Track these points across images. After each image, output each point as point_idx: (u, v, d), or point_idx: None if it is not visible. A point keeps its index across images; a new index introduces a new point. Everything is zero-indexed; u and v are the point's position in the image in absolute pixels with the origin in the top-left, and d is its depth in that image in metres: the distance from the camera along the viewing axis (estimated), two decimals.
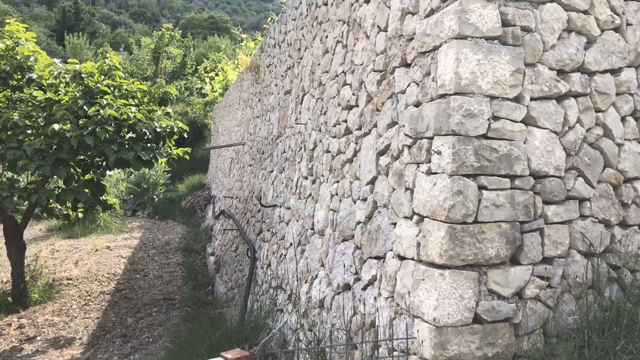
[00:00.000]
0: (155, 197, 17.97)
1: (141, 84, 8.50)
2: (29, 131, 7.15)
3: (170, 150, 8.31)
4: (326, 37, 5.28)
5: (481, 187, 2.76)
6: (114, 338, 7.11)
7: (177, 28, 28.19)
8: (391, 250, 3.28)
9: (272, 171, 7.43)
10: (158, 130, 7.36)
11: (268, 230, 6.97)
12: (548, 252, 2.94)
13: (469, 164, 2.72)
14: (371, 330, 3.37)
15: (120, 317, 7.94)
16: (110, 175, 8.61)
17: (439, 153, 2.81)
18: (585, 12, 3.15)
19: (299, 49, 6.45)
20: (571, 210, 3.04)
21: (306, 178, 5.53)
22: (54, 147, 6.88)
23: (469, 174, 2.73)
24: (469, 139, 2.73)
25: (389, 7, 3.69)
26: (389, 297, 3.21)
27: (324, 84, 5.20)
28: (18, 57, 7.33)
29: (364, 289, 3.60)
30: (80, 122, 6.87)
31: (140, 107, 7.94)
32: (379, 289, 3.37)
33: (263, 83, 9.07)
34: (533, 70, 2.94)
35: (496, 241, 2.76)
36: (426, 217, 2.87)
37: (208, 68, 21.94)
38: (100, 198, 8.44)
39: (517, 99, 2.88)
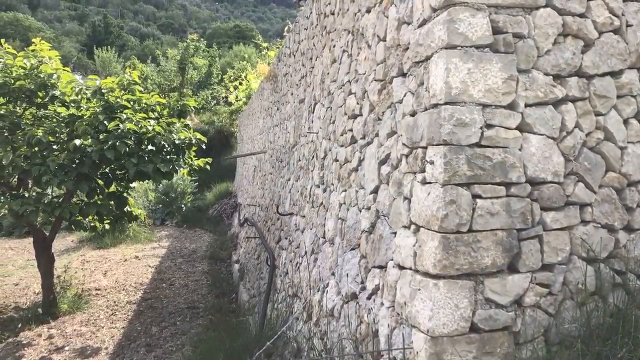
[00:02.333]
0: (183, 206, 18.25)
1: (163, 96, 8.68)
2: (55, 147, 7.37)
3: (191, 161, 8.46)
4: (334, 46, 5.32)
5: (475, 196, 2.75)
6: (139, 347, 7.25)
7: (201, 38, 28.57)
8: (392, 259, 3.29)
9: (289, 179, 7.49)
10: (176, 142, 7.50)
11: (286, 239, 7.03)
12: (548, 259, 2.92)
13: (462, 173, 2.72)
14: (375, 339, 3.38)
15: (145, 326, 8.09)
16: (133, 188, 8.76)
17: (431, 163, 2.82)
18: (582, 16, 3.11)
19: (311, 58, 6.51)
20: (571, 216, 3.01)
21: (318, 186, 5.57)
22: (77, 162, 7.07)
23: (462, 183, 2.73)
24: (461, 148, 2.73)
25: (387, 17, 3.71)
26: (390, 307, 3.22)
27: (332, 93, 5.24)
28: (41, 76, 7.55)
29: (369, 298, 3.62)
30: (101, 136, 7.05)
31: (160, 119, 8.10)
32: (382, 298, 3.39)
33: (281, 92, 9.15)
34: (527, 76, 2.93)
35: (492, 249, 2.76)
36: (422, 226, 2.88)
37: (232, 77, 22.22)
38: (124, 209, 8.63)
39: (511, 106, 2.87)
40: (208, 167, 8.98)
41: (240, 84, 19.73)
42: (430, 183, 2.84)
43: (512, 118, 2.86)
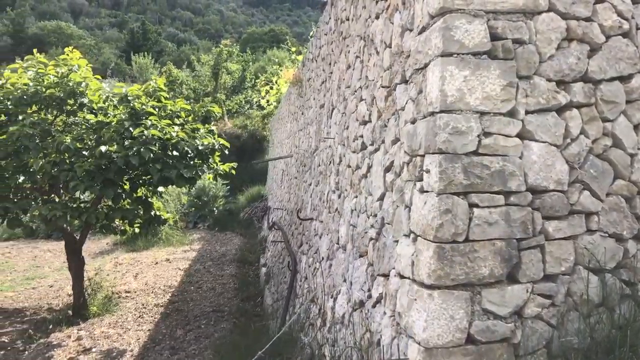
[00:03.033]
0: (215, 209, 18.48)
1: (197, 101, 8.80)
2: (85, 152, 7.57)
3: (216, 165, 8.56)
4: (348, 52, 5.32)
5: (472, 205, 2.71)
6: (163, 350, 7.37)
7: (234, 44, 28.90)
8: (394, 268, 3.27)
9: (310, 184, 7.51)
10: (200, 148, 7.61)
11: (306, 243, 7.05)
12: (550, 269, 2.85)
13: (458, 182, 2.68)
14: (377, 349, 3.36)
15: (170, 329, 8.22)
16: (160, 193, 8.92)
17: (427, 172, 2.79)
18: (588, 19, 3.04)
19: (330, 64, 6.52)
20: (576, 225, 2.93)
21: (334, 192, 5.57)
22: (103, 167, 7.24)
23: (458, 192, 2.69)
24: (458, 156, 2.70)
25: (392, 24, 3.69)
26: (391, 316, 3.20)
27: (347, 99, 5.24)
28: (70, 84, 7.77)
29: (374, 306, 3.60)
30: (126, 143, 7.20)
31: (185, 125, 8.23)
32: (384, 307, 3.37)
33: (305, 97, 9.19)
34: (528, 82, 2.87)
35: (490, 259, 2.71)
36: (419, 236, 2.85)
37: (263, 81, 22.42)
38: (152, 214, 8.79)
39: (511, 114, 2.82)
40: (233, 171, 9.07)
41: (271, 88, 19.88)
42: (427, 192, 2.82)
43: (512, 125, 2.81)
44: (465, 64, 2.73)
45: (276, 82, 19.45)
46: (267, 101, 20.52)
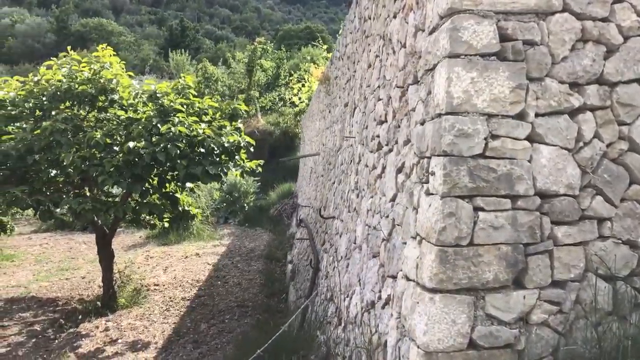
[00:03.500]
0: (245, 205, 18.64)
1: (222, 100, 8.91)
2: (116, 148, 7.74)
3: (243, 162, 8.63)
4: (370, 50, 5.30)
5: (477, 209, 2.68)
6: (186, 343, 7.49)
7: (268, 41, 29.07)
8: (401, 270, 3.25)
9: (334, 182, 7.52)
10: (225, 145, 7.69)
11: (328, 242, 7.07)
12: (559, 275, 2.79)
13: (463, 185, 2.65)
14: (384, 350, 3.35)
15: (195, 323, 8.35)
16: (188, 189, 9.05)
17: (432, 174, 2.77)
18: (604, 20, 2.95)
19: (354, 62, 6.50)
20: (587, 230, 2.86)
21: (353, 191, 5.57)
22: (131, 163, 7.38)
23: (462, 195, 2.66)
24: (463, 159, 2.66)
25: (407, 23, 3.67)
26: (397, 318, 3.18)
27: (367, 98, 5.22)
28: (102, 81, 7.95)
29: (383, 307, 3.59)
30: (153, 139, 7.33)
31: (213, 123, 8.32)
32: (392, 308, 3.35)
33: (332, 95, 9.19)
34: (539, 85, 2.81)
35: (494, 264, 2.67)
36: (423, 238, 2.83)
37: (295, 79, 22.50)
38: (180, 209, 8.94)
39: (520, 116, 2.77)
40: (260, 168, 9.14)
41: (303, 85, 19.95)
42: (432, 194, 2.79)
43: (521, 128, 2.76)
44: (473, 66, 2.69)
45: (308, 80, 19.50)
46: (299, 98, 20.59)
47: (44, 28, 56.07)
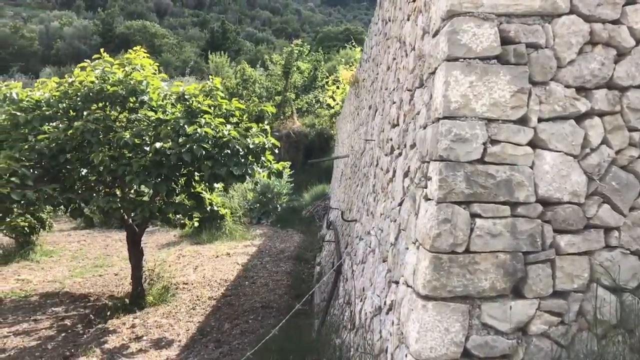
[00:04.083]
0: (278, 206, 18.75)
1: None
2: (147, 148, 7.90)
3: (270, 164, 8.69)
4: (389, 53, 5.26)
5: (474, 215, 2.62)
6: (209, 342, 7.58)
7: (305, 43, 29.18)
8: (402, 276, 3.21)
9: (357, 185, 7.49)
10: (251, 146, 7.75)
11: (350, 245, 7.04)
12: (561, 285, 2.71)
13: (459, 190, 2.60)
14: (385, 356, 3.32)
15: (219, 322, 8.43)
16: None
17: (429, 179, 2.73)
18: (615, 22, 2.85)
19: (377, 65, 6.47)
20: (592, 240, 2.77)
21: (371, 194, 5.53)
22: (158, 163, 7.52)
23: (459, 201, 2.61)
24: (460, 164, 2.61)
25: (417, 25, 3.62)
26: (397, 324, 3.14)
27: (385, 101, 5.19)
28: (132, 82, 8.12)
29: (387, 313, 3.56)
30: (180, 140, 7.44)
31: (240, 124, 8.41)
32: (393, 314, 3.32)
33: (360, 97, 9.17)
34: (544, 89, 2.74)
35: (491, 272, 2.61)
36: (420, 244, 2.79)
37: (331, 81, 22.53)
38: (207, 208, 9.06)
39: (522, 121, 2.70)
40: (287, 170, 9.18)
41: (338, 87, 19.95)
42: (429, 200, 2.75)
43: (522, 133, 2.69)
44: (472, 69, 2.64)
45: (343, 82, 19.48)
46: (334, 100, 20.60)
47: (90, 30, 57.77)
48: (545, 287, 2.68)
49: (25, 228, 13.12)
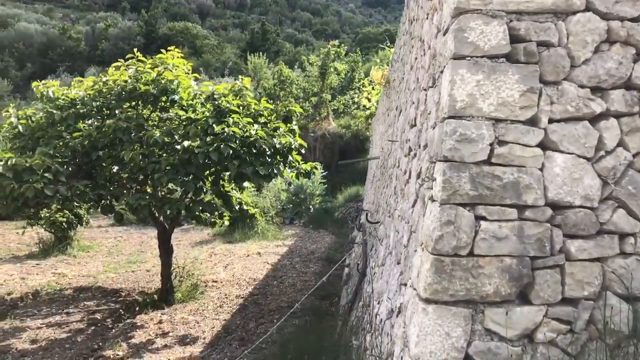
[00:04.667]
0: (311, 207, 18.77)
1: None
2: (177, 147, 8.01)
3: (298, 164, 8.70)
4: (412, 52, 5.20)
5: (479, 218, 2.56)
6: (232, 340, 7.63)
7: (342, 44, 29.14)
8: (410, 278, 3.16)
9: (384, 187, 7.43)
10: (277, 146, 7.77)
11: (374, 247, 6.99)
12: (570, 292, 2.62)
13: (464, 192, 2.54)
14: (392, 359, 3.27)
15: (244, 320, 8.48)
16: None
17: (434, 180, 2.67)
18: (635, 20, 2.74)
19: (404, 65, 6.40)
20: (605, 246, 2.66)
21: (392, 196, 5.47)
22: (187, 162, 7.61)
23: (463, 203, 2.55)
24: (465, 165, 2.55)
25: (433, 24, 3.56)
26: (403, 327, 3.09)
27: (407, 101, 5.12)
28: (163, 81, 8.25)
29: (397, 315, 3.50)
30: (208, 139, 7.52)
31: (269, 124, 8.44)
32: (401, 317, 3.26)
33: (390, 98, 9.09)
34: (555, 89, 2.65)
35: (496, 277, 2.54)
36: (424, 246, 2.73)
37: (367, 82, 22.43)
38: (235, 208, 9.14)
39: (532, 122, 2.62)
40: (315, 171, 9.18)
41: (373, 88, 19.85)
42: (434, 201, 2.69)
43: (532, 134, 2.61)
44: (479, 68, 2.57)
45: (374, 82, 19.36)
46: (369, 100, 20.52)
47: (133, 31, 59.07)
48: (554, 293, 2.59)
49: (64, 224, 13.51)
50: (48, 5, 73.38)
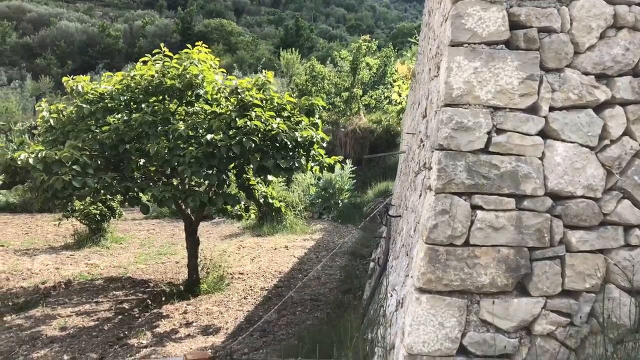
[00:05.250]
0: (340, 202, 18.76)
1: (292, 96, 9.04)
2: (201, 140, 8.12)
3: (322, 158, 8.70)
4: (429, 44, 5.14)
5: (475, 207, 2.52)
6: (254, 331, 7.68)
7: (374, 39, 28.99)
8: (411, 269, 3.13)
9: (405, 181, 7.38)
10: (299, 140, 7.79)
11: (394, 240, 6.95)
12: (571, 284, 2.56)
13: (459, 181, 2.50)
14: (393, 350, 3.25)
15: (267, 312, 8.54)
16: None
17: (429, 169, 2.64)
18: None
19: (424, 57, 6.34)
20: (608, 237, 2.59)
21: (409, 189, 5.43)
22: (210, 155, 7.70)
23: (459, 192, 2.51)
24: (461, 154, 2.51)
25: (440, 13, 3.51)
26: (403, 318, 3.07)
27: (422, 93, 5.07)
28: (188, 76, 8.36)
29: (401, 307, 3.48)
30: (230, 132, 7.59)
31: (291, 118, 8.47)
32: (403, 308, 3.24)
33: (415, 91, 9.01)
34: (558, 76, 2.59)
35: (492, 267, 2.50)
36: (420, 236, 2.71)
37: (398, 76, 22.24)
38: (260, 201, 9.21)
39: (532, 110, 2.56)
40: (339, 165, 9.16)
41: (404, 82, 19.68)
42: (430, 191, 2.66)
43: (531, 123, 2.55)
44: (476, 55, 2.53)
45: (400, 76, 19.19)
46: (400, 95, 20.35)
47: (170, 29, 59.97)
48: (553, 285, 2.54)
49: (97, 216, 13.84)
50: (88, 4, 75.06)
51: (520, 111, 2.54)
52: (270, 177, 9.14)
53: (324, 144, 8.29)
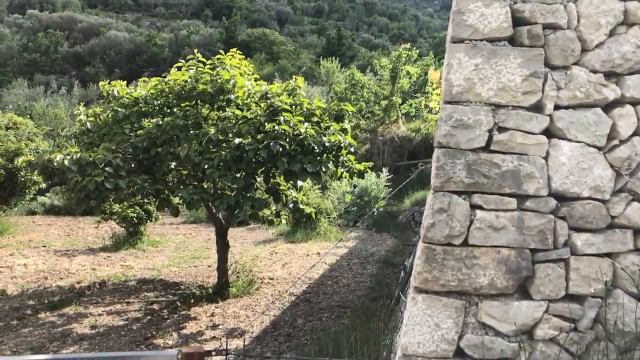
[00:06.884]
0: (375, 210, 18.66)
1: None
2: (231, 144, 8.24)
3: (351, 164, 8.69)
4: None
5: (475, 206, 2.47)
6: (279, 336, 7.70)
7: (414, 48, 28.81)
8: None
9: None
10: (326, 145, 7.80)
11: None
12: (575, 288, 2.47)
13: (458, 180, 2.46)
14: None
15: (293, 317, 8.55)
16: (301, 187, 9.32)
17: (430, 167, 2.60)
18: None
19: None
20: (616, 241, 2.49)
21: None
22: (238, 158, 7.80)
23: (458, 191, 2.47)
24: (461, 152, 2.47)
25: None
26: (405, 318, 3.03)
27: None
28: (219, 81, 8.50)
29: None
30: (258, 136, 7.67)
31: (321, 123, 8.49)
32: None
33: None
34: (564, 74, 2.52)
35: (491, 268, 2.44)
36: (420, 236, 2.67)
37: (435, 84, 22.07)
38: (287, 206, 9.26)
39: (536, 108, 2.50)
40: (369, 170, 9.13)
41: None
42: (430, 189, 2.63)
43: (535, 121, 2.49)
44: (478, 51, 2.49)
45: (433, 82, 19.04)
46: (438, 102, 20.18)
47: (214, 38, 61.15)
48: (556, 288, 2.45)
49: (134, 219, 14.17)
50: (136, 14, 77.35)
51: (523, 109, 2.48)
52: (300, 183, 9.20)
53: (352, 149, 8.27)
